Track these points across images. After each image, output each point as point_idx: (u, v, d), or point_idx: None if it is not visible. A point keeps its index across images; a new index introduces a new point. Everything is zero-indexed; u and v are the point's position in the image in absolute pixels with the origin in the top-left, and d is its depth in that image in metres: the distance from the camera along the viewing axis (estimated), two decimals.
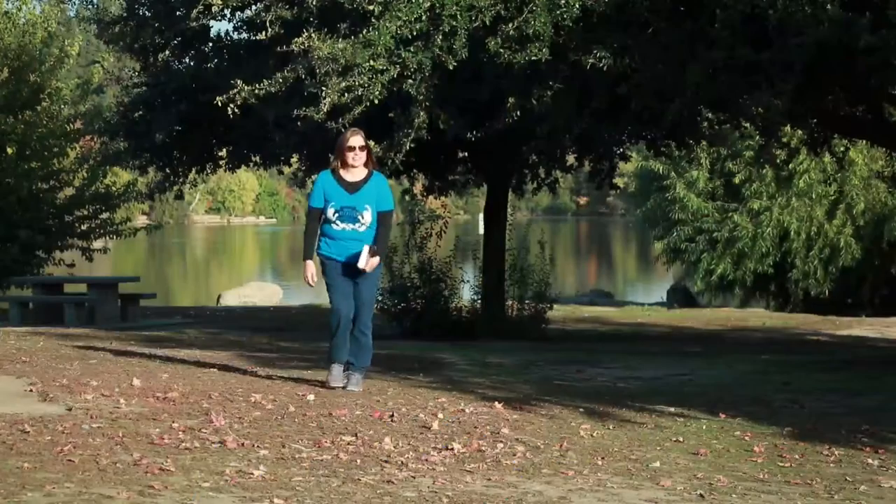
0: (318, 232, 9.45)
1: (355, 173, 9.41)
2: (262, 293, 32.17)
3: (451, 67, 11.07)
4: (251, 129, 17.31)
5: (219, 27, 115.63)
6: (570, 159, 19.77)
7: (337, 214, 9.32)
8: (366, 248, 9.22)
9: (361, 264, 9.18)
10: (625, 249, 73.15)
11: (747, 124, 15.96)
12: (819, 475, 6.94)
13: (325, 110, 11.19)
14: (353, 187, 9.36)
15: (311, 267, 9.52)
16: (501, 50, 11.00)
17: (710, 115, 15.52)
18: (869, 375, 12.31)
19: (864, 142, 20.85)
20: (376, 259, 9.32)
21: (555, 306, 19.42)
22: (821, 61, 11.30)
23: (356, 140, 9.41)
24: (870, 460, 7.41)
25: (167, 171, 19.40)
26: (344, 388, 9.50)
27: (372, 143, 11.68)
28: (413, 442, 7.45)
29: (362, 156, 9.40)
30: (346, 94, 11.05)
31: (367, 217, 9.34)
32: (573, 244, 77.81)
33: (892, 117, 15.85)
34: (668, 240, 29.79)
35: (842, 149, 18.94)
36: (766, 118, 13.06)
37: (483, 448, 7.30)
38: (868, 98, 13.84)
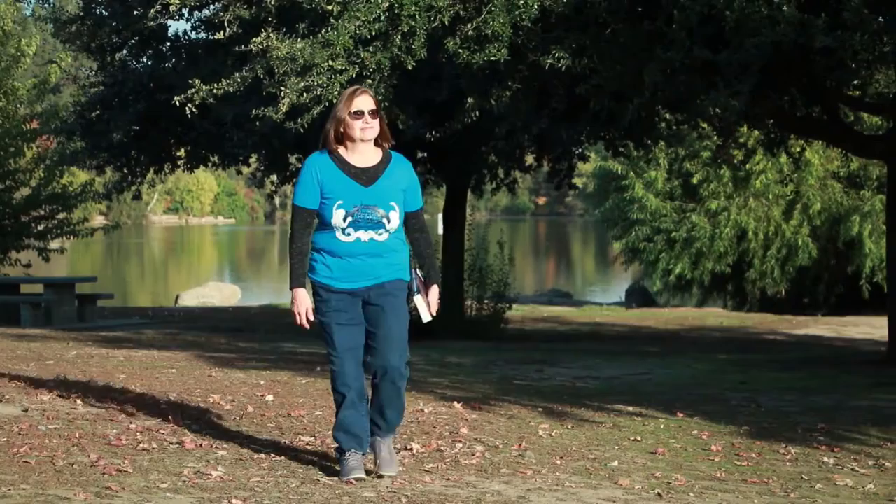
0: (311, 245, 6.37)
1: (366, 153, 6.25)
2: (220, 293, 32.08)
3: (409, 67, 11.07)
4: (209, 129, 17.29)
5: (176, 26, 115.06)
6: (529, 159, 19.86)
7: (350, 219, 6.15)
8: (419, 299, 6.35)
9: (426, 318, 6.34)
10: (583, 249, 73.35)
11: (705, 125, 16.07)
12: (775, 474, 6.99)
13: (283, 110, 11.17)
14: (368, 176, 6.20)
15: (306, 299, 6.33)
16: (460, 50, 11.02)
17: (667, 115, 15.62)
18: (825, 374, 12.41)
19: (821, 142, 21.00)
20: (436, 292, 6.42)
21: (514, 306, 19.50)
22: (777, 62, 11.38)
23: (364, 101, 6.22)
24: (825, 459, 7.47)
25: (125, 170, 19.35)
26: (373, 474, 6.38)
27: None
28: None
29: (375, 125, 6.24)
30: (304, 94, 11.04)
31: (394, 220, 6.21)
32: (532, 244, 77.96)
33: (847, 118, 15.98)
34: (626, 240, 29.89)
35: (798, 149, 19.08)
36: (723, 118, 13.15)
37: (442, 448, 7.30)
38: (824, 99, 13.95)
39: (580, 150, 19.44)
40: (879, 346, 15.96)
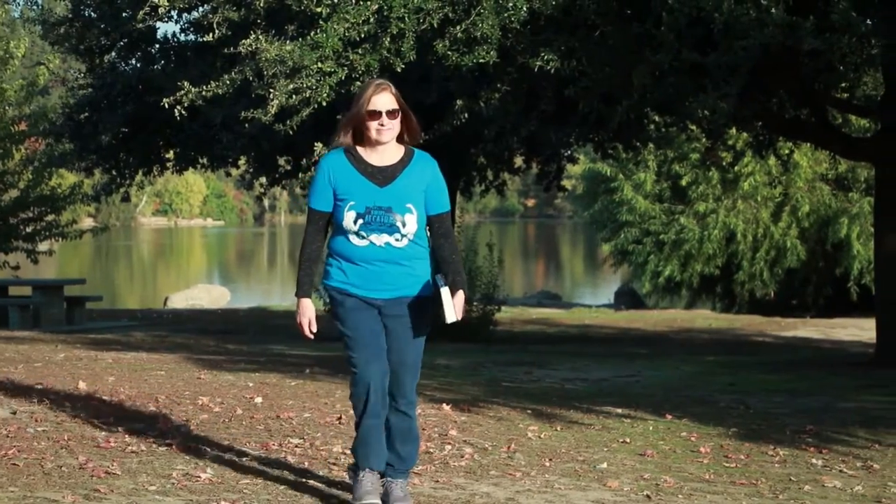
0: (325, 250, 5.89)
1: (386, 151, 5.76)
2: (209, 295, 32.07)
3: (398, 69, 11.07)
4: (198, 131, 17.28)
5: (165, 28, 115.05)
6: (518, 161, 19.90)
7: (361, 221, 5.68)
8: (445, 292, 5.68)
9: (451, 317, 5.70)
10: (572, 251, 73.43)
11: (693, 127, 16.10)
12: (764, 475, 7.00)
13: (272, 112, 11.16)
14: (384, 175, 5.73)
15: (309, 309, 5.76)
16: (449, 52, 11.02)
17: (656, 117, 15.65)
18: (813, 376, 12.43)
19: (809, 144, 21.06)
20: (462, 298, 5.77)
21: (503, 308, 19.49)
22: (766, 64, 11.42)
23: (383, 100, 5.73)
24: (814, 460, 7.48)
25: (113, 172, 19.34)
26: None
27: (320, 145, 11.71)
28: None
29: (394, 126, 5.75)
30: (293, 96, 11.03)
31: (411, 223, 5.70)
32: (521, 246, 78.01)
33: (835, 120, 16.01)
34: (615, 242, 29.94)
35: (787, 151, 19.13)
36: (711, 121, 13.16)
37: (431, 450, 7.30)
38: (812, 101, 13.99)
39: (569, 152, 19.48)
40: (867, 347, 16.00)
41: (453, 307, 5.68)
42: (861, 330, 20.43)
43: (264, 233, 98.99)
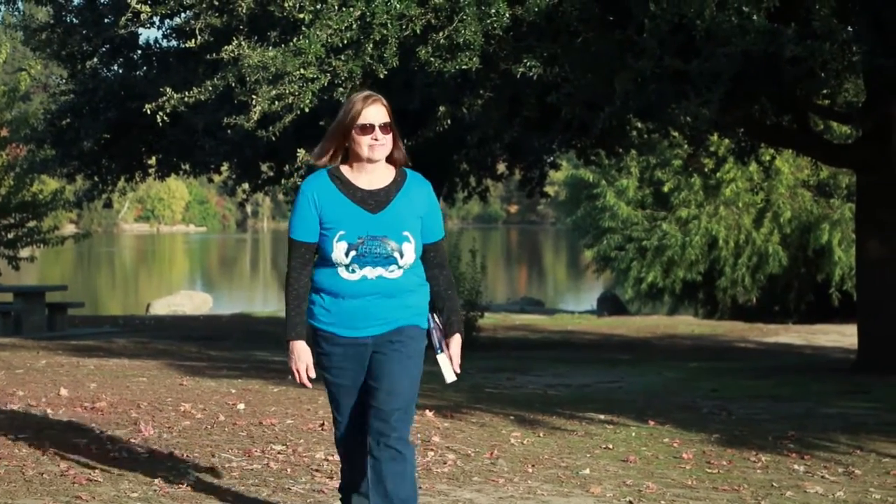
0: (310, 284, 5.12)
1: (375, 172, 5.08)
2: (191, 302, 32.01)
3: (381, 76, 11.07)
4: (181, 137, 17.25)
5: (148, 34, 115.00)
6: (501, 167, 19.91)
7: (354, 253, 4.98)
8: (442, 358, 5.19)
9: (450, 378, 5.21)
10: (555, 258, 73.47)
11: (676, 133, 16.14)
12: (746, 481, 7.01)
13: (255, 118, 11.14)
14: (376, 200, 5.04)
15: (305, 353, 5.17)
16: (432, 59, 11.02)
17: (638, 123, 15.67)
18: (795, 382, 12.46)
19: (790, 151, 21.11)
20: (459, 343, 5.26)
21: (485, 314, 19.50)
22: (747, 71, 11.44)
23: (375, 112, 5.06)
24: (796, 466, 7.50)
25: (95, 178, 19.30)
26: None
27: (303, 152, 11.70)
28: None
29: (387, 141, 5.06)
30: (276, 103, 11.02)
31: (409, 253, 5.02)
32: (504, 252, 78.03)
33: (817, 127, 16.04)
34: (597, 248, 29.98)
35: (768, 158, 19.18)
36: (693, 127, 13.19)
37: None
38: (794, 108, 14.03)
39: (552, 158, 19.50)
40: (849, 353, 16.04)
41: (451, 366, 5.16)
42: (842, 336, 20.49)
43: (247, 239, 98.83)
